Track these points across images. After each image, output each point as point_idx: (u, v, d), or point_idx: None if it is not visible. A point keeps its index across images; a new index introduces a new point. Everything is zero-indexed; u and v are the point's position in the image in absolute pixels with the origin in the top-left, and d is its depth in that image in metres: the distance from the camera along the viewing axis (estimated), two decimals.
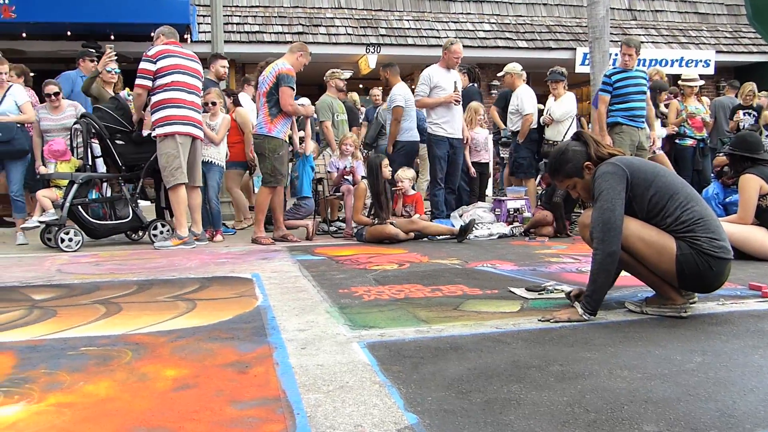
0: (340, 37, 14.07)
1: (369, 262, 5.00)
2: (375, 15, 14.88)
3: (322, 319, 3.09)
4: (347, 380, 2.18)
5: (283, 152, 6.45)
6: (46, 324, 3.08)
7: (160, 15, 12.06)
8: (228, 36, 12.17)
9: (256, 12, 14.30)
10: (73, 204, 6.10)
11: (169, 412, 1.93)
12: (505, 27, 15.13)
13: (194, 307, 3.41)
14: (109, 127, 6.39)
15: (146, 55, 6.18)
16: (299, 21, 14.22)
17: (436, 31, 14.43)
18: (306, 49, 6.64)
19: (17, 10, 11.50)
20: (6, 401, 2.03)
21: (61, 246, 5.97)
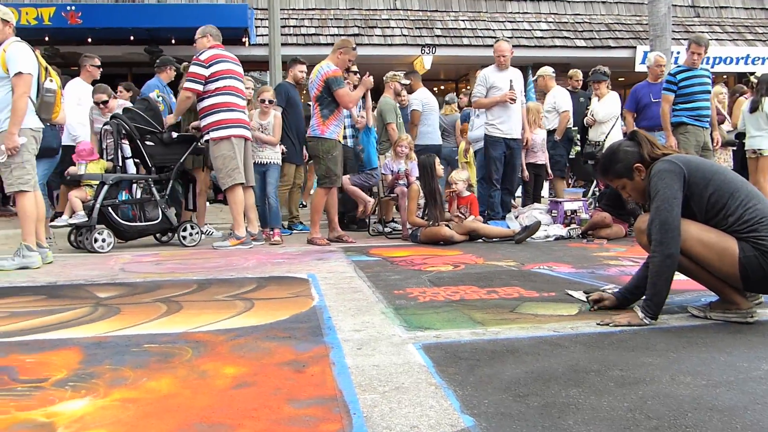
0: (396, 38, 14.11)
1: (424, 263, 4.99)
2: (430, 15, 14.87)
3: (378, 319, 3.10)
4: (403, 381, 2.18)
5: (336, 153, 6.49)
6: (111, 321, 3.19)
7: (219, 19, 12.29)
8: (285, 39, 12.34)
9: (312, 15, 14.47)
10: (103, 205, 6.12)
11: (228, 410, 1.96)
12: (562, 26, 14.91)
13: (252, 307, 3.47)
14: (139, 128, 6.41)
15: (198, 59, 6.30)
16: (355, 23, 14.33)
17: (491, 31, 14.32)
18: (347, 45, 6.63)
19: (83, 16, 11.94)
20: (74, 395, 2.11)
21: (94, 247, 5.97)
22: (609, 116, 8.12)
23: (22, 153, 5.08)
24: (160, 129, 6.51)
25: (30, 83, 5.05)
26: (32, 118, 5.16)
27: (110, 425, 1.86)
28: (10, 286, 4.29)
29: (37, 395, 2.11)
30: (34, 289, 4.15)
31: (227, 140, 6.24)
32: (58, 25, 11.93)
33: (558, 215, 7.20)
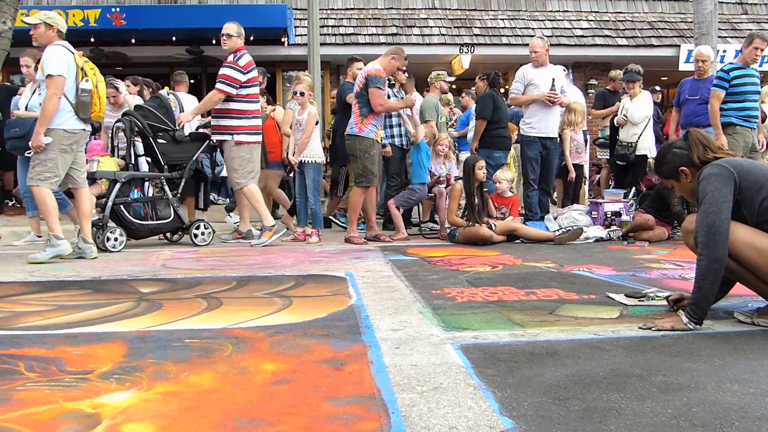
0: (434, 37, 14.07)
1: (461, 263, 4.97)
2: (469, 15, 14.79)
3: (416, 319, 3.10)
4: (441, 381, 2.17)
5: (374, 152, 6.50)
6: (153, 316, 3.25)
7: (259, 20, 12.47)
8: (323, 38, 12.40)
9: (350, 14, 14.52)
10: (116, 203, 6.08)
11: (268, 405, 1.98)
12: (603, 24, 14.69)
13: (290, 304, 3.50)
14: (152, 125, 6.37)
15: (236, 64, 6.36)
16: (393, 22, 14.33)
17: (531, 29, 14.18)
18: (399, 52, 6.66)
19: (127, 17, 12.18)
20: (118, 388, 2.15)
21: (106, 245, 5.91)
22: (642, 117, 7.97)
23: (48, 151, 5.26)
24: (173, 127, 6.49)
25: (60, 85, 5.20)
26: (68, 119, 5.34)
27: (153, 418, 1.89)
28: (56, 280, 4.40)
29: (83, 386, 2.17)
30: (80, 284, 4.25)
31: (248, 145, 6.50)
32: (103, 26, 12.19)
33: (598, 217, 7.10)
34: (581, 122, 8.15)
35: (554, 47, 13.79)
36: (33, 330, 2.99)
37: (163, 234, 6.69)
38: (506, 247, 6.08)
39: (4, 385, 2.19)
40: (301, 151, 6.66)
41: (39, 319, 3.21)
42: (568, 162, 7.93)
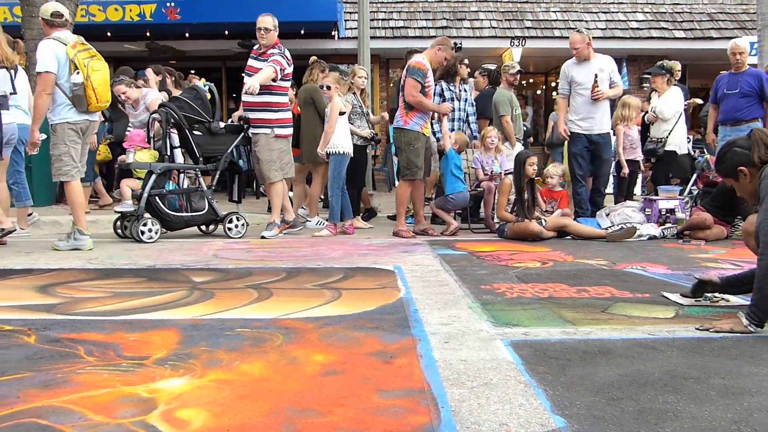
0: (484, 30, 13.94)
1: (511, 259, 4.92)
2: (521, 7, 14.60)
3: (465, 314, 3.09)
4: (491, 377, 2.16)
5: (419, 144, 6.45)
6: (206, 305, 3.31)
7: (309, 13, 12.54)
8: (373, 32, 12.40)
9: (401, 7, 14.49)
10: (151, 195, 6.01)
11: (318, 396, 2.00)
12: (660, 16, 14.31)
13: (339, 296, 3.52)
14: (188, 117, 6.30)
15: (285, 55, 6.43)
16: (443, 15, 14.25)
17: (584, 22, 13.89)
18: (446, 43, 6.60)
19: (182, 11, 12.39)
20: (173, 374, 2.20)
21: (141, 238, 5.86)
22: (673, 113, 7.74)
23: (57, 146, 5.44)
24: (208, 118, 6.43)
25: (48, 82, 5.28)
26: (68, 112, 5.45)
27: (207, 404, 1.93)
28: (113, 268, 4.52)
29: (140, 372, 2.22)
30: (135, 272, 4.36)
31: (286, 138, 6.59)
32: (158, 20, 12.43)
33: (652, 214, 6.93)
34: (635, 117, 7.95)
35: (608, 40, 13.54)
36: (92, 316, 3.08)
37: (197, 226, 6.67)
38: (556, 243, 5.99)
39: (66, 367, 2.26)
40: (326, 142, 6.64)
41: (97, 306, 3.30)
42: (621, 158, 7.76)
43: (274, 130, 6.46)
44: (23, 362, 2.34)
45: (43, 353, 2.45)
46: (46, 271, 4.39)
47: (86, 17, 11.93)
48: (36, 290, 3.71)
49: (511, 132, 7.62)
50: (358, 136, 7.18)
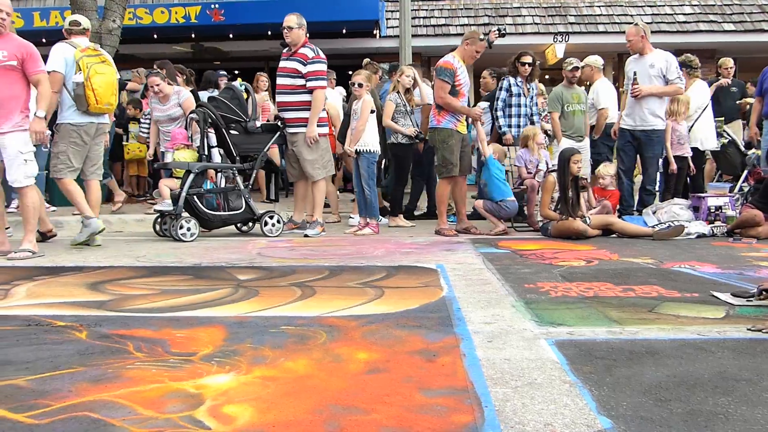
0: (527, 26, 13.79)
1: (555, 257, 4.87)
2: (564, 2, 14.39)
3: (508, 313, 3.07)
4: (536, 377, 2.14)
5: (452, 142, 6.40)
6: (251, 302, 3.35)
7: (351, 12, 12.60)
8: (414, 30, 12.38)
9: (442, 5, 14.43)
10: (189, 194, 6.06)
11: (362, 394, 2.01)
12: (708, 9, 13.94)
13: (382, 295, 3.53)
14: (225, 116, 6.36)
15: (319, 57, 6.53)
16: (485, 12, 14.15)
17: (629, 16, 13.63)
18: (474, 36, 6.55)
19: (225, 13, 12.58)
20: (219, 370, 2.24)
21: (179, 235, 5.92)
22: (694, 108, 7.55)
23: (58, 144, 5.66)
24: (245, 118, 6.48)
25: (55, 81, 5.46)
26: (72, 114, 5.65)
27: (252, 401, 1.96)
28: (160, 266, 4.61)
29: (187, 368, 2.27)
30: (182, 269, 4.44)
31: (325, 136, 6.67)
32: (203, 22, 12.64)
33: (701, 211, 6.76)
34: (684, 112, 7.76)
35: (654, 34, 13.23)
36: (140, 312, 3.15)
37: (234, 225, 6.72)
38: (601, 241, 5.90)
39: (116, 363, 2.32)
40: (357, 140, 6.63)
41: (145, 303, 3.38)
42: (669, 154, 7.58)
43: (320, 129, 6.52)
44: (75, 357, 2.41)
45: (94, 349, 2.52)
46: (97, 268, 4.50)
47: (133, 20, 12.20)
48: (87, 287, 3.81)
49: (557, 129, 7.52)
50: (402, 134, 7.19)
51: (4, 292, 3.67)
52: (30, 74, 5.08)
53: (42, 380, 2.15)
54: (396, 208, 7.51)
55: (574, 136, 7.18)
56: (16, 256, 4.98)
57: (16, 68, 5.03)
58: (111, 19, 9.36)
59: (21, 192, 5.18)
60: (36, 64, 5.12)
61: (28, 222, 5.21)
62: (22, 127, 5.06)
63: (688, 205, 6.89)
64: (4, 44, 5.02)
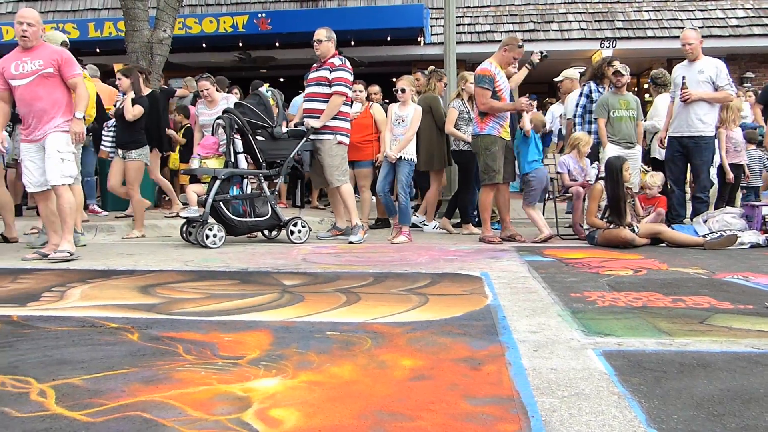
0: (573, 32, 13.65)
1: (601, 266, 4.79)
2: (611, 7, 14.19)
3: (554, 322, 3.03)
4: (583, 387, 2.11)
5: (495, 149, 6.36)
6: (296, 308, 3.39)
7: (396, 20, 12.68)
8: (459, 37, 12.35)
9: (487, 12, 14.37)
10: (215, 200, 6.07)
11: (406, 400, 2.01)
12: (762, 12, 13.56)
13: (426, 302, 3.52)
14: (251, 122, 6.36)
15: (345, 66, 6.58)
16: (530, 18, 14.04)
17: (679, 21, 13.37)
18: (512, 43, 6.51)
19: (272, 22, 12.78)
20: (266, 374, 2.27)
21: (205, 242, 5.94)
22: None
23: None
24: (271, 124, 6.47)
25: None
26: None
27: (299, 405, 1.98)
28: (208, 270, 4.70)
29: (235, 371, 2.30)
30: (229, 274, 4.51)
31: (345, 145, 6.75)
32: (250, 31, 12.87)
33: (755, 221, 6.57)
34: (735, 120, 7.56)
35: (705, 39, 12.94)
36: (189, 316, 3.22)
37: (261, 231, 6.75)
38: (650, 250, 5.78)
39: (166, 365, 2.37)
40: (403, 147, 6.65)
41: (194, 306, 3.44)
42: (724, 162, 7.40)
43: (336, 137, 6.59)
44: (127, 358, 2.47)
45: (145, 350, 2.58)
46: (147, 272, 4.61)
47: (183, 30, 12.48)
48: (138, 290, 3.90)
49: (603, 135, 7.39)
50: (465, 141, 7.19)
51: (60, 294, 3.79)
52: (66, 78, 5.28)
53: (96, 380, 2.21)
54: (465, 215, 7.51)
55: (623, 143, 7.05)
56: (56, 256, 5.15)
57: (53, 75, 5.25)
58: (162, 29, 9.60)
59: (57, 191, 5.33)
60: (72, 68, 5.31)
61: (66, 223, 5.36)
62: (63, 128, 5.26)
63: (741, 214, 6.71)
64: (38, 54, 5.26)
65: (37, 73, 5.17)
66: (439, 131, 7.42)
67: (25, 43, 5.23)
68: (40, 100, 5.19)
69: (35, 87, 5.19)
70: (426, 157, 7.40)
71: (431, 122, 7.42)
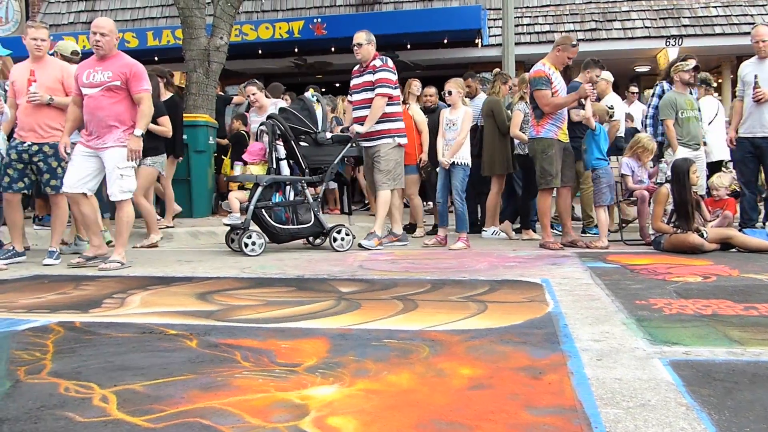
0: (637, 30, 13.36)
1: (668, 272, 4.67)
2: (677, 4, 13.83)
3: (618, 330, 2.97)
4: (649, 398, 2.07)
5: (552, 152, 6.26)
6: (353, 315, 3.42)
7: (453, 21, 12.65)
8: (518, 38, 12.25)
9: (546, 11, 14.20)
10: (257, 207, 6.07)
11: (465, 410, 2.01)
12: None
13: (485, 309, 3.50)
14: (294, 128, 6.33)
15: (387, 66, 6.55)
16: (592, 17, 13.81)
17: (749, 17, 12.94)
18: (565, 42, 6.42)
19: (327, 27, 12.93)
20: (323, 382, 2.30)
21: (245, 250, 5.94)
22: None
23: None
24: (315, 129, 6.46)
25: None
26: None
27: (356, 413, 2.00)
28: (265, 277, 4.78)
29: (292, 378, 2.34)
30: (285, 281, 4.59)
31: (402, 147, 6.70)
32: (306, 36, 13.06)
33: None
34: None
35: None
36: (246, 323, 3.28)
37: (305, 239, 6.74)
38: (719, 256, 5.60)
39: (224, 371, 2.43)
40: (455, 151, 6.58)
41: (251, 313, 3.51)
42: None
43: (395, 139, 6.59)
44: (186, 365, 2.53)
45: (203, 357, 2.64)
46: (205, 279, 4.72)
47: (239, 36, 12.75)
48: (196, 297, 4.00)
49: (672, 137, 7.18)
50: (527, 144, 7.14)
51: (120, 301, 3.92)
52: (133, 93, 5.40)
53: (156, 386, 2.28)
54: (526, 221, 7.45)
55: (692, 144, 6.84)
56: (106, 266, 5.28)
57: (120, 88, 5.37)
58: (218, 36, 9.84)
59: (117, 205, 5.51)
60: (139, 83, 5.42)
61: (121, 235, 5.53)
62: (122, 142, 5.37)
63: None
64: (110, 65, 5.40)
65: (104, 84, 5.32)
66: (501, 135, 7.37)
67: (98, 53, 5.42)
68: (103, 111, 5.34)
69: (101, 98, 5.33)
70: (488, 162, 7.37)
71: (493, 126, 7.39)
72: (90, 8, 15.20)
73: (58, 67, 5.92)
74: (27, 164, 5.72)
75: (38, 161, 5.68)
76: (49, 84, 5.69)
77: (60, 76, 5.81)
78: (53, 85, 5.73)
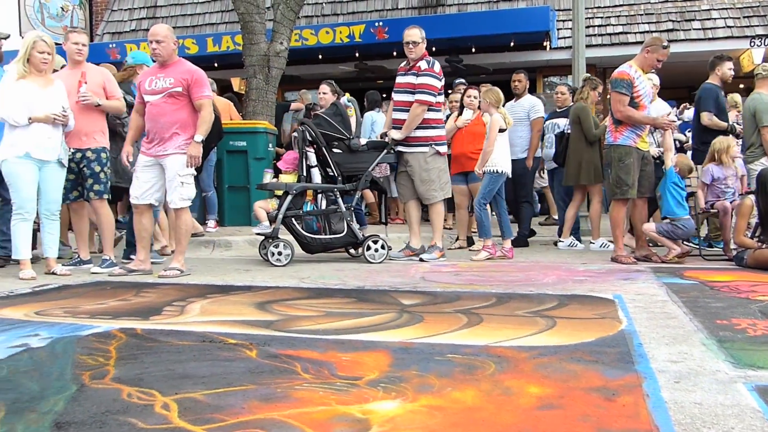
0: (718, 31, 12.98)
1: (752, 291, 4.52)
2: (763, 1, 13.39)
3: (698, 351, 2.90)
4: (732, 426, 2.01)
5: (629, 160, 6.08)
6: (415, 328, 3.43)
7: (520, 24, 12.56)
8: (589, 40, 12.07)
9: (619, 11, 13.95)
10: (287, 216, 6.07)
11: (533, 430, 2.00)
12: None
13: (554, 325, 3.46)
14: (325, 134, 6.30)
15: (431, 71, 6.46)
16: (669, 17, 13.49)
17: None
18: (655, 43, 6.21)
19: (389, 30, 13.02)
20: (385, 396, 2.32)
21: (270, 260, 5.98)
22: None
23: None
24: (348, 135, 6.43)
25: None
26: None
27: (419, 429, 2.01)
28: (324, 288, 4.84)
29: (353, 392, 2.36)
30: (345, 292, 4.63)
31: (444, 155, 6.64)
32: (367, 41, 13.17)
33: None
34: None
35: None
36: (306, 334, 3.33)
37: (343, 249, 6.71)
38: None
39: (284, 383, 2.47)
40: (485, 161, 6.54)
41: (311, 324, 3.56)
42: None
43: (433, 147, 6.52)
44: (246, 375, 2.59)
45: (263, 368, 2.70)
46: (264, 288, 4.81)
47: (299, 42, 12.95)
48: (255, 306, 4.09)
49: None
50: None
51: (180, 309, 4.04)
52: (194, 99, 5.54)
53: (217, 395, 2.34)
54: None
55: None
56: (166, 274, 5.43)
57: (182, 94, 5.51)
58: (279, 42, 10.03)
59: (176, 213, 5.67)
60: (201, 89, 5.56)
61: (180, 243, 5.69)
62: (183, 149, 5.50)
63: None
64: (171, 72, 5.55)
65: (166, 91, 5.49)
66: (588, 143, 7.28)
67: (157, 60, 5.62)
68: (165, 117, 5.49)
69: (162, 104, 5.49)
70: (573, 171, 7.31)
71: (579, 133, 7.32)
72: (151, 15, 15.70)
73: (99, 71, 6.13)
74: (77, 173, 5.94)
75: (83, 167, 5.90)
76: (92, 88, 5.89)
77: (101, 81, 6.02)
78: (96, 89, 5.92)
